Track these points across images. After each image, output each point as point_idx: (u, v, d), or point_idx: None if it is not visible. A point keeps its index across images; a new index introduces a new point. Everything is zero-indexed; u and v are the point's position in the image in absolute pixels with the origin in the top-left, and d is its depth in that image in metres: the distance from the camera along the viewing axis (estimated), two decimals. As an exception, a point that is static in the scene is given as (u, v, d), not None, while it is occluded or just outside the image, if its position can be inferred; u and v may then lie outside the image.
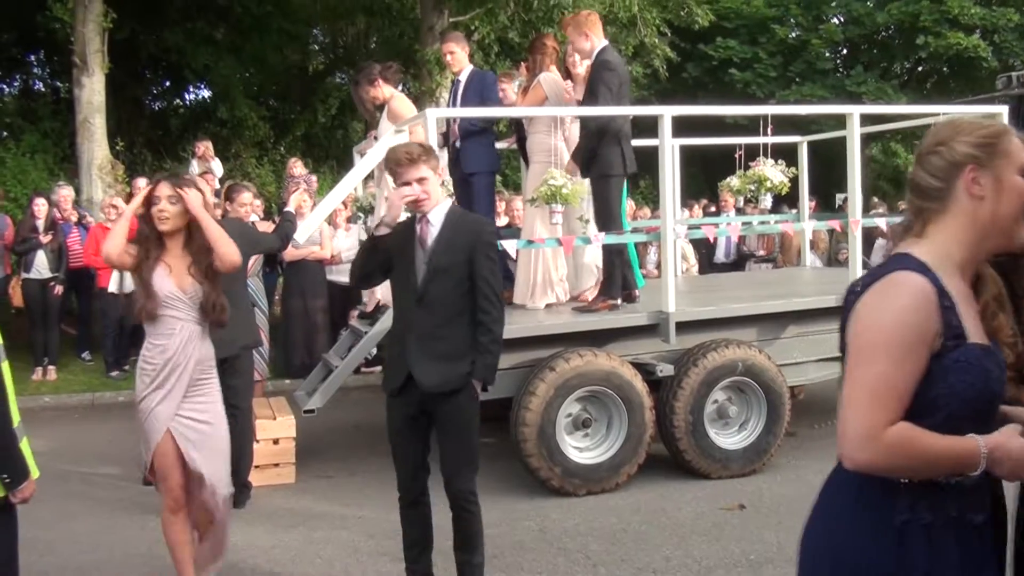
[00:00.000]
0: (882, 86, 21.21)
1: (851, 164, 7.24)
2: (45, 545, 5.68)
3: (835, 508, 2.26)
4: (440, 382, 4.36)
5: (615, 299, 6.93)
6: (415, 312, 4.37)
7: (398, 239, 4.45)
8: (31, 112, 18.46)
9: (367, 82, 7.53)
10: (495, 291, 4.37)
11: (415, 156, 4.32)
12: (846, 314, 2.18)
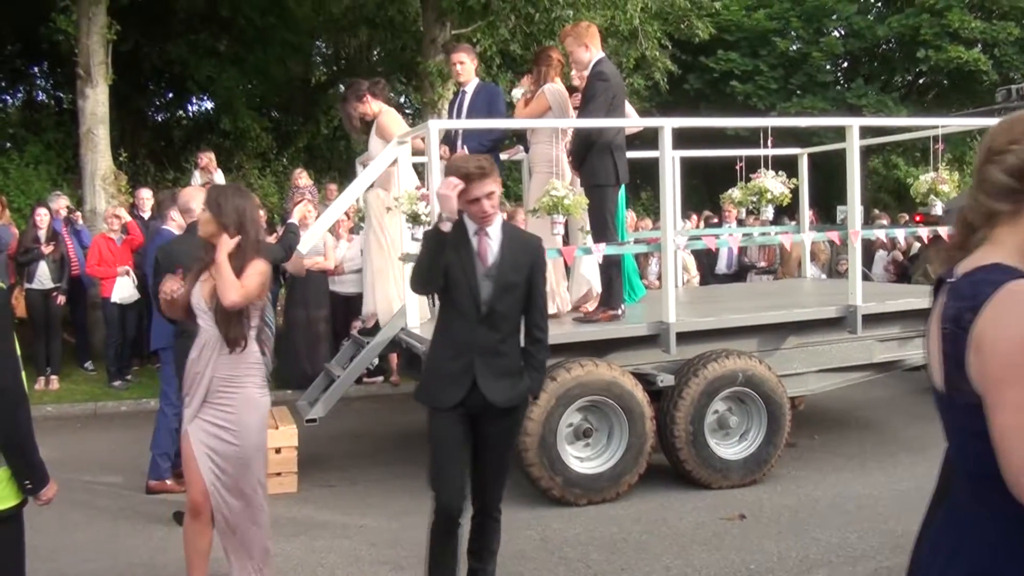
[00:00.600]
0: (882, 99, 21.27)
1: (850, 176, 7.28)
2: (47, 553, 5.69)
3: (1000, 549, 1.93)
4: (508, 398, 4.37)
5: (616, 309, 6.96)
6: (478, 329, 4.33)
7: (452, 251, 4.31)
8: (35, 123, 18.53)
9: (355, 98, 7.56)
10: (545, 308, 4.58)
11: (487, 170, 4.23)
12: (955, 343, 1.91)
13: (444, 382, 4.39)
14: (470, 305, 4.31)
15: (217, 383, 4.51)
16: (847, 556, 5.47)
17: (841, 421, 8.93)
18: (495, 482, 4.51)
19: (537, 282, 4.41)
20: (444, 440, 4.39)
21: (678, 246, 7.59)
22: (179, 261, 6.01)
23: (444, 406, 4.37)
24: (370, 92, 7.54)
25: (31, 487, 3.37)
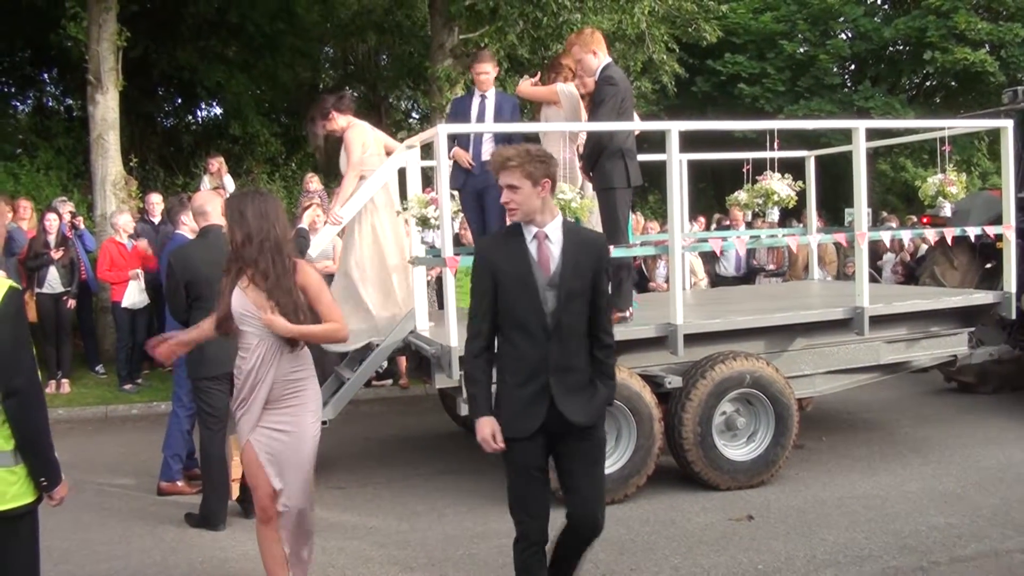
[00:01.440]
0: (890, 101, 21.28)
1: (856, 178, 7.30)
2: (60, 554, 5.75)
3: None
4: (589, 416, 4.05)
5: (624, 311, 6.99)
6: (548, 346, 3.98)
7: (505, 261, 4.05)
8: (45, 129, 18.63)
9: (321, 117, 7.53)
10: (610, 313, 4.18)
11: (511, 161, 4.00)
12: None
13: (518, 409, 4.03)
14: (536, 321, 3.98)
15: (280, 387, 4.47)
16: (854, 556, 5.49)
17: (849, 422, 8.94)
18: (597, 502, 4.14)
19: (601, 284, 4.06)
20: (524, 469, 4.07)
21: (685, 248, 7.61)
22: (193, 265, 6.10)
23: (524, 436, 4.03)
24: (335, 108, 7.52)
25: (47, 484, 3.43)
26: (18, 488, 3.36)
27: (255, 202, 4.48)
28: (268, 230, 4.41)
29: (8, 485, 3.33)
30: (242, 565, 5.58)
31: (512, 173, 3.98)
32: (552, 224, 4.04)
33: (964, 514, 6.19)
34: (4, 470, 3.32)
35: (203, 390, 6.25)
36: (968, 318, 8.06)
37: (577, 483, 4.11)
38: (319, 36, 21.05)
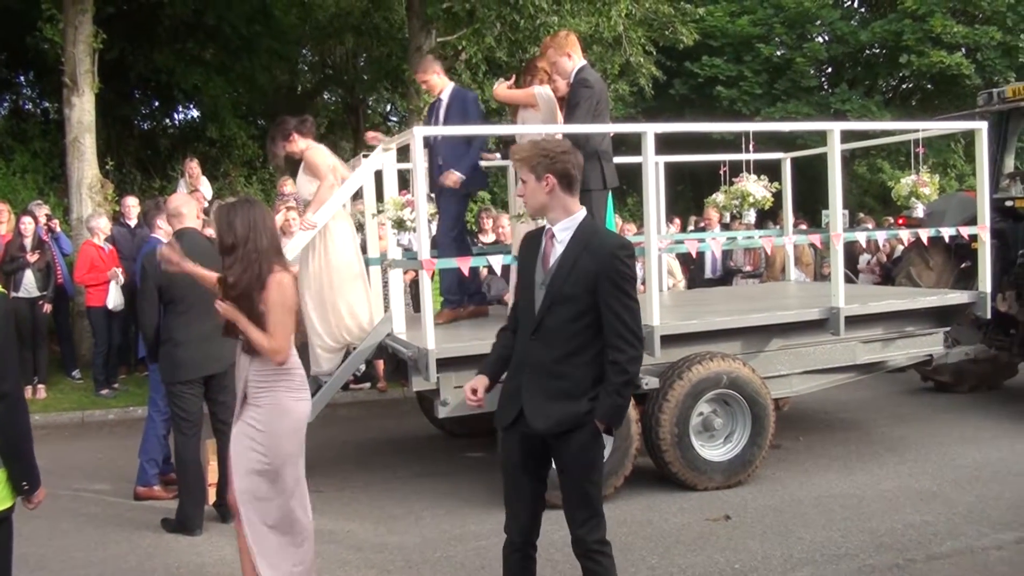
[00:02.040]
0: (866, 103, 21.40)
1: (832, 179, 7.34)
2: (36, 561, 5.72)
3: None
4: (552, 424, 3.89)
5: None
6: (530, 344, 3.95)
7: (524, 254, 4.08)
8: (21, 132, 18.50)
9: (282, 138, 7.51)
10: (629, 326, 3.83)
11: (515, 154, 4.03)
12: None
13: (502, 399, 4.09)
14: (527, 317, 3.98)
15: (251, 387, 4.53)
16: (831, 555, 5.52)
17: (825, 422, 8.99)
18: (576, 517, 4.01)
19: (607, 295, 3.81)
20: (506, 463, 4.14)
21: (661, 250, 7.63)
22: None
23: (500, 426, 4.10)
24: (297, 131, 7.51)
25: (28, 488, 3.45)
26: (3, 490, 3.38)
27: (244, 211, 4.52)
28: (255, 240, 4.46)
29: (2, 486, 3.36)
30: (219, 570, 5.56)
31: (520, 167, 3.98)
32: (563, 223, 3.95)
33: (940, 512, 6.24)
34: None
35: (177, 394, 6.21)
36: (944, 318, 8.12)
37: (563, 492, 4.05)
38: (297, 38, 20.97)
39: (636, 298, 3.88)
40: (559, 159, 3.92)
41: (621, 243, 3.96)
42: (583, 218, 3.97)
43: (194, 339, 6.11)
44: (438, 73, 7.81)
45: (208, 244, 6.35)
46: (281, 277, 4.49)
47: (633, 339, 3.84)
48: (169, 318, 6.16)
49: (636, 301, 3.88)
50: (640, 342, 3.88)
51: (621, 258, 3.85)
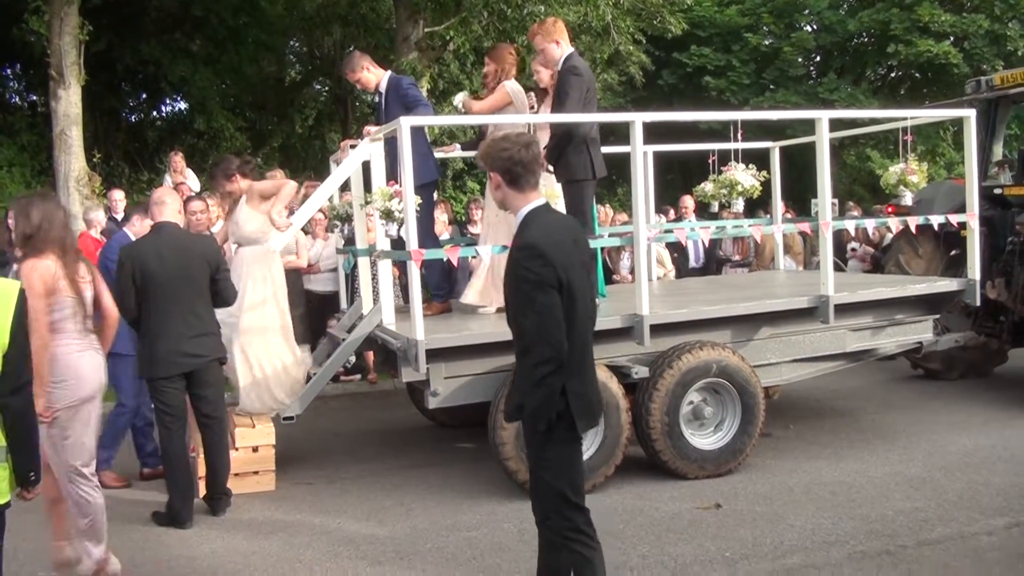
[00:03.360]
0: (854, 93, 21.44)
1: (820, 167, 7.34)
2: (27, 555, 5.69)
3: None
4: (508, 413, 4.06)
5: None
6: None
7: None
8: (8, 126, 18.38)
9: (224, 177, 7.45)
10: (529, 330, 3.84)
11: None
12: None
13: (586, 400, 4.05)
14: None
15: None
16: (821, 541, 5.53)
17: (815, 410, 9.01)
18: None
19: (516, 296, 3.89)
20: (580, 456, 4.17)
21: (650, 239, 7.62)
22: (143, 260, 6.03)
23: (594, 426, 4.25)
24: (240, 172, 7.46)
25: (35, 479, 3.56)
26: (3, 485, 3.45)
27: (39, 204, 5.01)
28: (47, 230, 4.91)
29: (4, 480, 3.44)
30: (210, 562, 5.55)
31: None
32: (516, 219, 3.99)
33: (930, 498, 6.25)
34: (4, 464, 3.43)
35: (158, 389, 6.19)
36: (933, 305, 8.14)
37: None
38: (284, 29, 20.89)
39: (538, 299, 3.77)
40: (499, 156, 3.94)
41: (524, 243, 3.88)
42: (526, 214, 3.97)
43: (172, 334, 6.08)
44: (368, 68, 7.66)
45: (186, 237, 6.32)
46: (34, 263, 4.81)
47: (536, 342, 3.77)
48: (146, 312, 6.12)
49: (538, 303, 3.77)
50: (549, 345, 3.75)
51: (519, 260, 3.86)
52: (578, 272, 3.88)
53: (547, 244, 3.81)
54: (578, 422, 3.88)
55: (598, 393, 4.14)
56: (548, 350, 3.74)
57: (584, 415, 3.91)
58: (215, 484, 6.42)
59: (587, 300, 3.98)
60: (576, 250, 3.94)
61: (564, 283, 3.78)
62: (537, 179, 4.01)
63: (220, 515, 6.37)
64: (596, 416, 4.10)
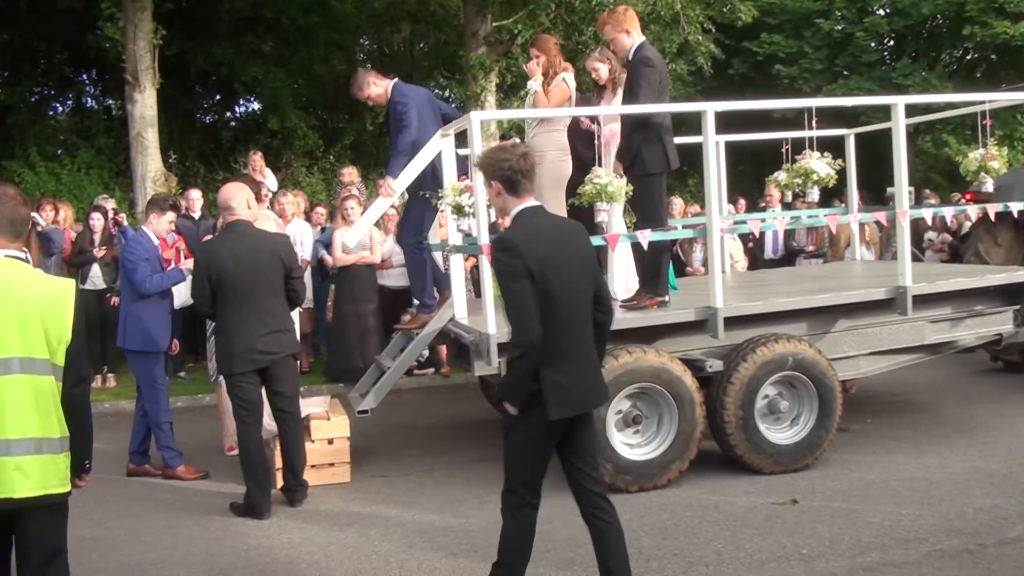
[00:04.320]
0: (929, 77, 20.96)
1: (896, 154, 7.19)
2: (108, 544, 5.85)
3: None
4: None
5: (662, 296, 6.95)
6: None
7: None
8: (85, 129, 18.88)
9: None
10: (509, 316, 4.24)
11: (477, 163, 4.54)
12: None
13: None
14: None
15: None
16: (900, 539, 5.43)
17: (893, 404, 8.84)
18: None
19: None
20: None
21: (724, 231, 7.54)
22: (219, 259, 6.15)
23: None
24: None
25: (90, 467, 3.75)
26: (66, 474, 3.58)
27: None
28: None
29: (66, 469, 3.57)
30: (287, 553, 5.63)
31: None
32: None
33: (1011, 495, 6.09)
34: (63, 455, 3.56)
35: (234, 385, 6.32)
36: (1013, 296, 7.91)
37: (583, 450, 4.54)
38: (353, 28, 21.09)
39: (509, 288, 4.13)
40: (499, 166, 4.27)
41: (498, 238, 4.30)
42: (515, 213, 4.31)
43: (247, 332, 6.20)
44: (374, 83, 7.56)
45: (259, 236, 6.42)
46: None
47: (512, 327, 4.16)
48: (221, 309, 6.25)
49: (508, 291, 4.13)
50: (519, 331, 4.11)
51: (494, 253, 4.24)
52: (558, 268, 4.18)
53: (519, 238, 4.18)
54: (548, 407, 4.15)
55: (586, 383, 4.33)
56: (518, 335, 4.13)
57: (556, 402, 4.17)
58: (292, 476, 6.53)
59: (576, 296, 4.26)
60: (562, 249, 4.25)
61: (536, 275, 4.09)
62: (532, 183, 4.33)
63: (297, 506, 6.48)
64: (574, 407, 4.27)
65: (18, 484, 3.41)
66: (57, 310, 3.52)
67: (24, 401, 3.44)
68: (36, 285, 3.56)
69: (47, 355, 3.50)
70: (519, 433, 4.32)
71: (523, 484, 4.39)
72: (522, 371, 4.14)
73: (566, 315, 4.21)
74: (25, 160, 16.89)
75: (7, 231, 3.59)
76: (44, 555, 3.55)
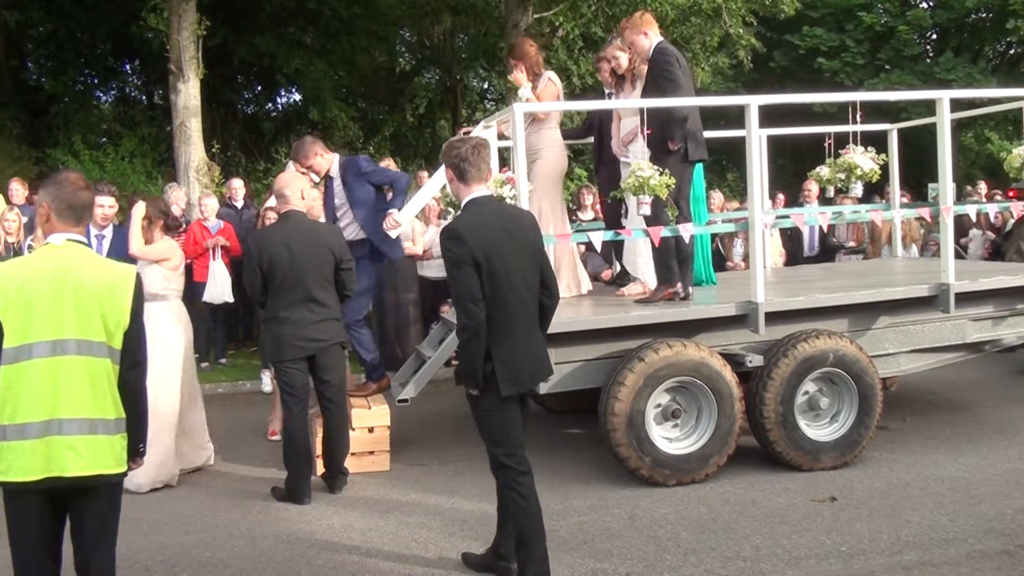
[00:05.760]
0: (972, 71, 20.68)
1: (941, 150, 7.13)
2: (151, 525, 5.95)
3: None
4: None
5: (675, 287, 6.94)
6: None
7: None
8: (129, 119, 19.14)
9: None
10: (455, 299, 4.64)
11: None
12: None
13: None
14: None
15: None
16: (939, 539, 5.39)
17: (933, 403, 8.77)
18: None
19: None
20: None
21: (767, 226, 7.51)
22: (270, 248, 6.24)
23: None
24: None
25: (143, 449, 3.82)
26: (122, 455, 3.66)
27: None
28: None
29: (121, 450, 3.65)
30: (327, 537, 5.71)
31: None
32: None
33: (1052, 496, 6.04)
34: (119, 436, 3.64)
35: (281, 371, 6.41)
36: (1057, 295, 7.82)
37: None
38: (395, 19, 21.19)
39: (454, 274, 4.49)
40: (450, 155, 4.65)
41: (446, 227, 4.60)
42: (465, 202, 4.66)
43: (296, 320, 6.29)
44: (321, 154, 7.42)
45: (312, 227, 6.49)
46: None
47: (459, 312, 4.50)
48: (273, 298, 6.34)
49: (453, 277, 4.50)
50: (465, 315, 4.45)
51: (441, 241, 4.60)
52: (503, 254, 4.48)
53: (465, 228, 4.48)
54: (501, 386, 4.51)
55: (532, 361, 4.69)
56: (463, 318, 4.45)
57: (508, 381, 4.52)
58: (334, 463, 6.61)
59: (520, 281, 4.56)
60: (507, 236, 4.54)
61: (481, 262, 4.41)
62: (482, 173, 4.64)
63: (337, 493, 6.56)
64: (524, 384, 4.65)
65: (70, 463, 3.49)
66: (116, 295, 3.60)
67: (79, 382, 3.52)
68: (96, 269, 3.63)
69: (104, 338, 3.57)
70: (485, 413, 4.67)
71: (506, 455, 4.68)
72: (473, 353, 4.48)
73: (512, 298, 4.52)
74: (69, 148, 17.16)
75: (67, 215, 3.66)
76: (97, 534, 3.64)
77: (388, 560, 5.34)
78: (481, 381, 4.53)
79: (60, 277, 3.54)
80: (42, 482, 3.48)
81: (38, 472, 3.47)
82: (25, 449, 3.47)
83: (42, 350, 3.49)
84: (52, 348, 3.49)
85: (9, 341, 3.50)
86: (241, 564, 5.34)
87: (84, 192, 3.71)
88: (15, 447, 3.47)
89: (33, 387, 3.48)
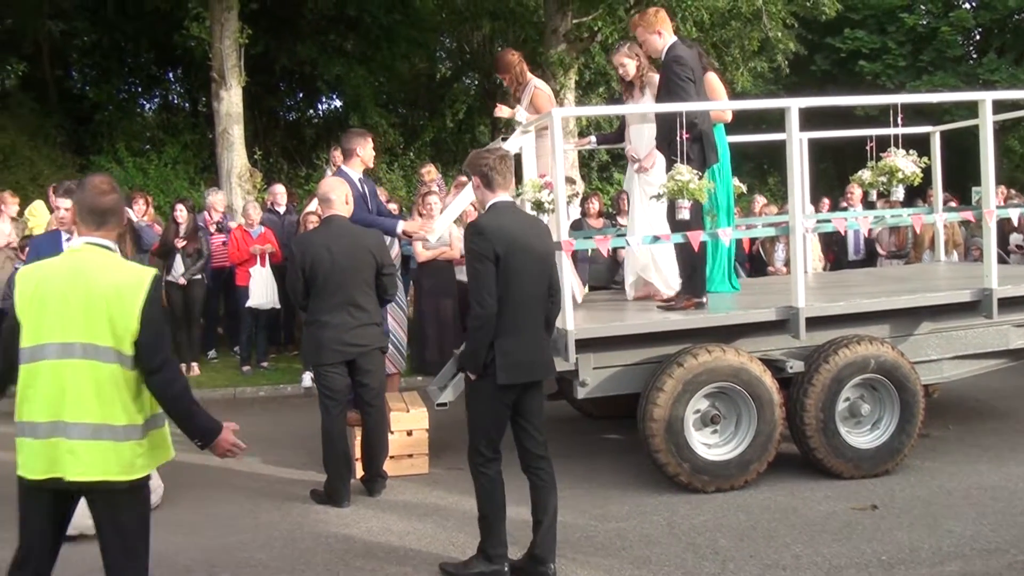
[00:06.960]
0: (1016, 72, 20.38)
1: (983, 152, 7.02)
2: (190, 527, 6.01)
3: None
4: None
5: (700, 297, 6.89)
6: None
7: None
8: (172, 126, 19.40)
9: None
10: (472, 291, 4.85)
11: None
12: None
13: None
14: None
15: None
16: (981, 549, 5.32)
17: (976, 410, 8.64)
18: None
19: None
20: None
21: (808, 230, 7.44)
22: (313, 252, 6.29)
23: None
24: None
25: (202, 444, 3.81)
26: (143, 460, 3.64)
27: None
28: None
29: (136, 456, 3.60)
30: (366, 540, 5.74)
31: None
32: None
33: (1098, 507, 5.93)
34: (134, 443, 3.59)
35: (322, 375, 6.45)
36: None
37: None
38: (434, 26, 21.29)
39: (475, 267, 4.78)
40: (479, 164, 4.98)
41: (471, 223, 4.99)
42: (489, 206, 4.96)
43: (336, 324, 6.33)
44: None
45: (354, 232, 6.54)
46: None
47: (473, 301, 4.79)
48: (314, 302, 6.40)
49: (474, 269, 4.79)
50: (479, 304, 4.75)
51: (466, 236, 4.95)
52: (520, 255, 4.79)
53: (489, 225, 4.81)
54: (499, 373, 4.77)
55: (534, 357, 4.94)
56: (476, 308, 4.76)
57: (507, 369, 4.79)
58: (373, 466, 6.64)
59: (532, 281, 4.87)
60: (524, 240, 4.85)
61: (500, 257, 4.72)
62: (506, 182, 4.99)
63: (376, 496, 6.59)
64: (521, 376, 4.87)
65: (69, 467, 3.48)
66: (124, 299, 3.52)
67: (84, 386, 3.49)
68: (109, 273, 3.58)
69: (111, 343, 3.51)
70: (478, 398, 4.96)
71: (484, 443, 5.00)
72: (479, 341, 4.78)
73: (522, 295, 4.82)
74: (113, 155, 17.43)
75: (88, 219, 3.65)
76: (115, 538, 3.63)
77: (425, 563, 5.36)
78: (481, 367, 4.81)
79: (71, 280, 3.53)
80: (46, 482, 3.51)
81: (42, 472, 3.50)
82: (34, 448, 3.51)
83: (52, 352, 3.49)
84: (60, 351, 3.49)
85: (26, 340, 3.53)
86: (280, 565, 5.38)
87: (106, 196, 3.68)
88: (27, 445, 3.52)
89: (44, 388, 3.50)
